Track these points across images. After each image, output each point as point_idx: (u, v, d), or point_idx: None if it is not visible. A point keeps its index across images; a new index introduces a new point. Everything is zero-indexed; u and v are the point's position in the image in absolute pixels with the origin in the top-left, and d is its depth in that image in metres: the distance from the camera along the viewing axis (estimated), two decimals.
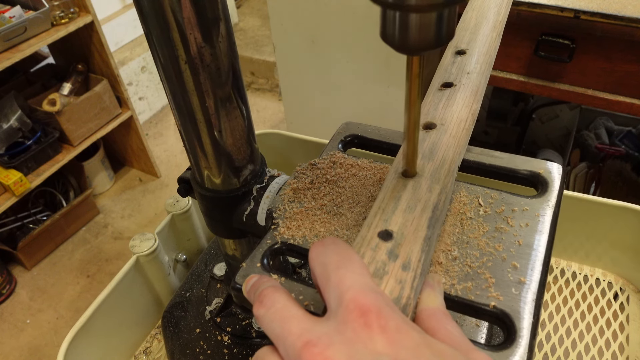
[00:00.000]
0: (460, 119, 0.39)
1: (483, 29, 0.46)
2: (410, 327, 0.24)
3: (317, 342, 0.22)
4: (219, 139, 0.43)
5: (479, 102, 0.41)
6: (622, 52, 1.08)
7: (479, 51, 0.44)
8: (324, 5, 1.37)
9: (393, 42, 0.27)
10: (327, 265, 0.26)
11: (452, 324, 0.28)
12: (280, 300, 0.26)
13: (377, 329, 0.23)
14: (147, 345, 0.70)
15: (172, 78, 0.39)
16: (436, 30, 0.26)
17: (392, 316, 0.23)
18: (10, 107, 1.69)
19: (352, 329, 0.23)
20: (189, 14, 0.35)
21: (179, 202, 0.69)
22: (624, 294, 0.70)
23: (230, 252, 0.55)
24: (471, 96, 0.41)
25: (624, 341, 0.64)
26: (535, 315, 0.32)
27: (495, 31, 0.46)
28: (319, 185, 0.44)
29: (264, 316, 0.26)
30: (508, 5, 0.48)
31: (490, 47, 0.44)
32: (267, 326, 0.26)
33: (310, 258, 0.28)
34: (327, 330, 0.23)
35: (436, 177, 0.35)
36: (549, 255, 0.36)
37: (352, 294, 0.24)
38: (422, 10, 0.25)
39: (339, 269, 0.26)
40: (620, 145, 1.56)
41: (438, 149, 0.37)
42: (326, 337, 0.23)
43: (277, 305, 0.26)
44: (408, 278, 0.29)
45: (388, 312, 0.24)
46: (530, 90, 1.24)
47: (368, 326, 0.23)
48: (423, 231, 0.32)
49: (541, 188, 0.41)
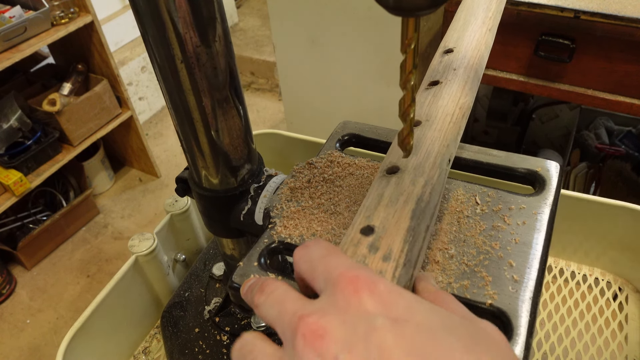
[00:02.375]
0: (446, 113, 0.39)
1: (471, 26, 0.46)
2: (402, 290, 0.24)
3: (312, 314, 0.23)
4: (216, 138, 0.43)
5: (467, 96, 0.40)
6: (622, 52, 1.08)
7: (467, 46, 0.44)
8: (324, 5, 1.37)
9: (387, 3, 0.26)
10: (312, 261, 0.27)
11: (455, 301, 0.28)
12: (280, 288, 0.27)
13: (367, 292, 0.23)
14: (146, 345, 0.70)
15: (168, 78, 0.39)
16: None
17: (382, 281, 0.24)
18: (10, 107, 1.69)
19: (343, 298, 0.23)
20: (184, 14, 0.35)
21: (178, 202, 0.69)
22: (623, 293, 0.70)
23: (228, 252, 0.55)
24: (458, 90, 0.40)
25: (623, 341, 0.64)
26: (532, 313, 0.32)
27: (485, 26, 0.45)
28: (316, 184, 0.44)
29: (264, 303, 0.27)
30: (500, 1, 0.48)
31: (480, 41, 0.44)
32: (266, 313, 0.26)
33: (295, 261, 0.28)
34: (321, 305, 0.24)
35: (420, 170, 0.34)
36: (546, 254, 0.36)
37: (339, 271, 0.25)
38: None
39: (324, 258, 0.26)
40: (620, 145, 1.56)
41: (422, 144, 0.37)
42: (320, 310, 0.23)
43: (276, 292, 0.27)
44: (389, 268, 0.28)
45: (377, 278, 0.24)
46: (530, 90, 1.24)
47: (357, 291, 0.23)
48: (406, 222, 0.31)
49: (539, 186, 0.41)
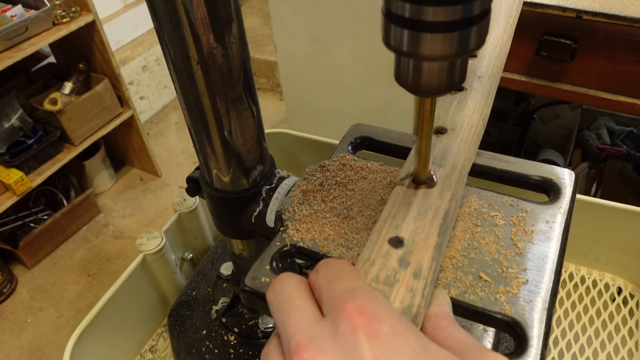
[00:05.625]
0: (472, 124, 0.39)
1: (494, 31, 0.46)
2: (407, 330, 0.22)
3: (308, 346, 0.22)
4: (229, 139, 0.43)
5: (489, 107, 0.41)
6: (624, 52, 1.08)
7: (490, 55, 0.44)
8: (326, 4, 1.37)
9: (406, 85, 0.28)
10: (320, 286, 0.26)
11: (459, 329, 0.27)
12: (288, 288, 0.26)
13: (366, 337, 0.21)
14: (153, 344, 0.70)
15: (183, 78, 0.39)
16: (448, 76, 0.27)
17: (387, 319, 0.22)
18: (12, 106, 1.69)
19: (342, 334, 0.22)
20: (202, 14, 0.35)
21: (186, 200, 0.69)
22: (634, 299, 0.69)
23: (237, 252, 0.55)
24: (482, 100, 0.41)
25: (633, 347, 0.63)
26: (546, 324, 0.32)
27: (506, 34, 0.45)
28: (329, 187, 0.43)
29: (273, 302, 0.27)
30: (518, 8, 0.48)
31: (502, 50, 0.44)
32: (274, 314, 0.26)
33: (310, 284, 0.28)
34: (321, 333, 0.23)
35: (447, 184, 0.35)
36: (560, 263, 0.36)
37: (343, 298, 0.24)
38: (435, 59, 0.26)
39: (330, 283, 0.26)
40: (621, 145, 1.56)
41: (449, 154, 0.37)
42: (318, 342, 0.22)
43: (284, 294, 0.26)
44: (419, 286, 0.29)
45: (382, 315, 0.22)
46: (531, 90, 1.24)
47: (357, 332, 0.22)
48: (434, 239, 0.31)
49: (553, 194, 0.41)
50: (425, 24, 0.24)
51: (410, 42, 0.25)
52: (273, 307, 0.27)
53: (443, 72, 0.27)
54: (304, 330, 0.23)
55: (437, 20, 0.24)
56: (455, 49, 0.25)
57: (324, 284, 0.26)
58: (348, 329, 0.22)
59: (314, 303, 0.26)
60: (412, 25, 0.25)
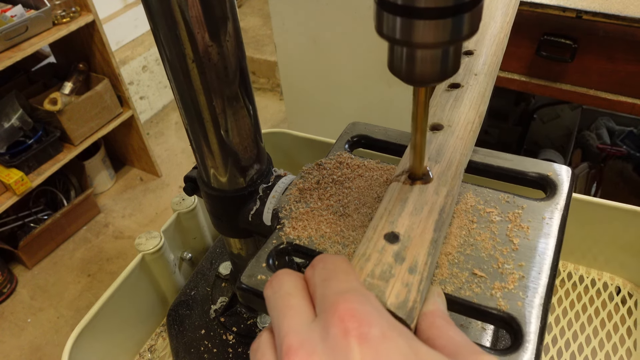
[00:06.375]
0: (468, 120, 0.39)
1: (491, 29, 0.46)
2: (397, 333, 0.22)
3: (299, 350, 0.22)
4: (226, 138, 0.43)
5: (485, 104, 0.41)
6: (624, 52, 1.08)
7: (487, 52, 0.44)
8: (326, 4, 1.37)
9: (400, 74, 0.28)
10: (315, 283, 0.26)
11: (455, 329, 0.27)
12: (285, 286, 0.26)
13: (356, 339, 0.21)
14: (152, 343, 0.70)
15: (179, 76, 0.39)
16: (442, 65, 0.27)
17: (377, 322, 0.22)
18: (12, 106, 1.69)
19: (333, 337, 0.22)
20: (196, 13, 0.35)
21: (185, 200, 0.69)
22: (632, 298, 0.69)
23: (235, 251, 0.55)
24: (478, 98, 0.41)
25: (632, 346, 0.63)
26: (542, 319, 0.32)
27: (503, 32, 0.45)
28: (326, 185, 0.44)
29: (270, 298, 0.27)
30: (515, 6, 0.48)
31: (498, 48, 0.44)
32: (270, 310, 0.26)
33: (306, 279, 0.28)
34: (312, 335, 0.23)
35: (443, 180, 0.35)
36: (557, 259, 0.36)
37: (335, 299, 0.24)
38: (429, 47, 0.26)
39: (325, 281, 0.26)
40: (621, 145, 1.56)
41: (445, 151, 0.37)
42: (309, 344, 0.22)
43: (281, 291, 0.26)
44: (415, 281, 0.29)
45: (373, 318, 0.22)
46: (531, 90, 1.24)
47: (347, 336, 0.22)
48: (429, 234, 0.31)
49: (550, 191, 0.41)
50: (418, 11, 0.24)
51: (403, 30, 0.25)
52: (269, 303, 0.27)
53: (437, 60, 0.27)
54: (296, 332, 0.23)
55: (430, 7, 0.24)
56: (449, 35, 0.25)
57: (318, 282, 0.26)
58: (339, 332, 0.22)
59: (309, 302, 0.26)
60: (404, 12, 0.25)
